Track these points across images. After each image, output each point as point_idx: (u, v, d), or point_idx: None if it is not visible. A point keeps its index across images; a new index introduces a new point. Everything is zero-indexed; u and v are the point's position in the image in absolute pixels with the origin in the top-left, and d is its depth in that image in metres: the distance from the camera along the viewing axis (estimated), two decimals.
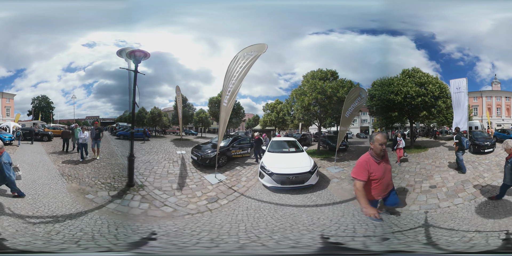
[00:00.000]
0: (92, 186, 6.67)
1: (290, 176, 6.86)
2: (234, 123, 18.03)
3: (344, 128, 9.59)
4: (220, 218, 5.51)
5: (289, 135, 14.25)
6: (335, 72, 11.59)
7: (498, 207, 5.61)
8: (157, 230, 4.85)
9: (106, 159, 9.39)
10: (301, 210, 5.91)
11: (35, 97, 15.24)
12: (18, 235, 4.26)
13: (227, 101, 7.17)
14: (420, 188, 6.87)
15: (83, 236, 4.41)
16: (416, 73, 11.87)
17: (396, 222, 5.29)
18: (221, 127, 7.58)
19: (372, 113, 14.73)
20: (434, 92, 11.36)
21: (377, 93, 12.51)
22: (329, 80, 11.27)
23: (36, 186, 6.39)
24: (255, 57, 6.50)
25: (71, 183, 6.77)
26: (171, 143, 14.27)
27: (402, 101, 11.54)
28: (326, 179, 8.03)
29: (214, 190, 7.08)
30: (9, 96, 14.04)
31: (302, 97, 10.70)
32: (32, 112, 15.46)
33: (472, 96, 14.65)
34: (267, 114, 16.42)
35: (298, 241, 4.42)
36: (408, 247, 4.15)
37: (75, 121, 16.33)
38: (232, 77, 6.95)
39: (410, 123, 13.10)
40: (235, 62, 7.00)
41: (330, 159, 10.29)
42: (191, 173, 8.31)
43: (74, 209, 5.43)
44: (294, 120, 12.83)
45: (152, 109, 17.82)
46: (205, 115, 17.66)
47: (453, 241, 4.20)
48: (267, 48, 6.35)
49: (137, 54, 6.79)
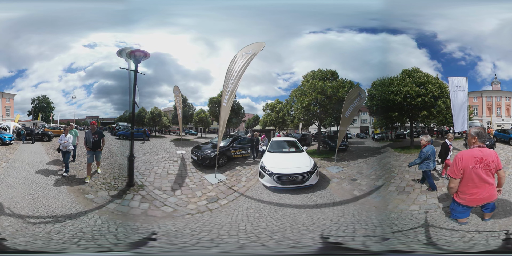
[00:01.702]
0: (92, 186, 6.66)
1: (290, 176, 6.86)
2: (234, 123, 18.02)
3: (343, 128, 9.59)
4: (220, 218, 5.51)
5: (289, 135, 14.25)
6: (335, 72, 11.60)
7: (498, 207, 5.60)
8: (157, 230, 4.85)
9: (106, 159, 9.39)
10: (301, 210, 5.91)
11: (35, 97, 15.24)
12: (18, 235, 4.26)
13: (226, 101, 7.19)
14: (420, 188, 6.86)
15: (83, 236, 4.41)
16: (416, 73, 11.87)
17: (396, 222, 5.29)
18: (221, 127, 7.60)
19: (372, 113, 14.73)
20: (434, 92, 11.37)
21: (377, 93, 12.52)
22: (329, 80, 11.28)
23: (36, 186, 6.39)
24: (252, 56, 6.53)
25: (71, 183, 6.77)
26: (171, 143, 14.27)
27: (402, 101, 11.54)
28: (326, 179, 8.03)
29: (214, 190, 7.08)
30: (9, 96, 14.04)
31: (302, 97, 10.70)
32: (32, 112, 15.46)
33: (472, 96, 14.65)
34: (267, 114, 16.43)
35: (298, 241, 4.42)
36: (408, 247, 4.14)
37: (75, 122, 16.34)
38: (231, 77, 6.98)
39: (410, 123, 13.10)
40: (234, 62, 7.03)
41: (330, 159, 10.29)
42: (191, 173, 8.31)
43: (74, 209, 5.43)
44: (294, 120, 12.84)
45: (152, 109, 17.83)
46: (205, 115, 17.67)
47: (453, 241, 4.19)
48: (265, 46, 6.39)
49: (137, 54, 6.79)
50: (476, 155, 3.71)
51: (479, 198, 3.79)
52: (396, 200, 6.43)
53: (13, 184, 6.49)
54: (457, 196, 3.91)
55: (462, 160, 3.72)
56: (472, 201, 3.84)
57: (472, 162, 3.69)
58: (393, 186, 7.27)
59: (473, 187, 3.75)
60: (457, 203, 3.99)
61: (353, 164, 9.78)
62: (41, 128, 14.35)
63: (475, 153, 3.73)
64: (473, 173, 3.69)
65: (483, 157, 3.70)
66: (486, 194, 3.75)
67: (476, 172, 3.68)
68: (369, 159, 10.57)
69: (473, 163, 3.69)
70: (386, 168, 9.13)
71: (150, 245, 4.21)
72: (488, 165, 3.71)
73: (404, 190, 6.87)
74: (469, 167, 3.69)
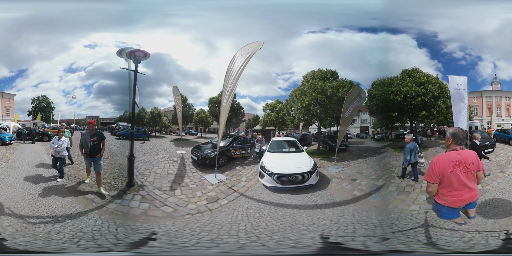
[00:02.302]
0: (92, 186, 6.66)
1: (290, 176, 6.86)
2: (234, 123, 18.02)
3: (343, 128, 9.61)
4: (220, 218, 5.51)
5: (289, 135, 14.25)
6: (335, 72, 11.61)
7: (498, 207, 5.61)
8: (157, 230, 4.85)
9: (106, 159, 9.39)
10: (301, 210, 5.91)
11: (35, 97, 15.24)
12: (18, 235, 4.26)
13: (226, 101, 7.20)
14: (420, 188, 6.87)
15: (83, 236, 4.41)
16: (416, 73, 11.89)
17: (396, 222, 5.29)
18: (221, 127, 7.60)
19: (372, 113, 14.74)
20: (434, 92, 11.38)
21: (377, 93, 12.52)
22: (329, 80, 11.28)
23: (36, 186, 6.39)
24: (251, 55, 6.55)
25: (71, 183, 6.77)
26: (171, 143, 14.27)
27: (402, 101, 11.56)
28: (326, 179, 8.03)
29: (214, 190, 7.08)
30: (9, 96, 14.04)
31: (302, 97, 10.70)
32: (32, 112, 15.46)
33: (472, 96, 14.64)
34: (267, 114, 16.43)
35: (298, 241, 4.43)
36: (408, 247, 4.15)
37: (75, 122, 16.35)
38: (231, 77, 6.99)
39: (410, 123, 13.11)
40: (233, 62, 7.05)
41: (330, 159, 10.29)
42: (191, 173, 8.31)
43: (74, 209, 5.43)
44: (294, 120, 12.84)
45: (152, 109, 17.83)
46: (205, 115, 17.67)
47: (453, 241, 4.19)
48: (263, 45, 6.41)
49: (137, 54, 6.78)
50: (454, 159, 3.38)
51: (461, 200, 3.49)
52: (396, 200, 6.44)
53: (13, 184, 6.49)
54: (438, 198, 3.60)
55: (438, 165, 3.39)
56: (454, 202, 3.53)
57: (450, 166, 3.36)
58: (393, 186, 7.27)
59: (453, 190, 3.45)
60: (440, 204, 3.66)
61: (353, 164, 9.78)
62: (41, 128, 14.36)
63: (453, 156, 3.40)
64: (453, 177, 3.37)
65: (461, 160, 3.36)
66: (468, 195, 3.47)
67: (456, 175, 3.36)
68: (369, 159, 10.58)
69: (451, 167, 3.36)
70: (386, 168, 9.14)
71: (150, 245, 4.21)
72: (468, 167, 3.39)
73: (404, 190, 6.87)
74: (447, 172, 3.35)
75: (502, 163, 8.54)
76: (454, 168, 3.35)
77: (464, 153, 3.45)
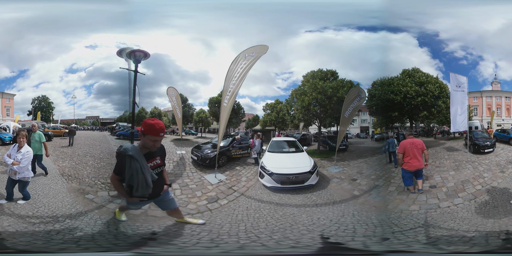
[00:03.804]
0: (92, 186, 6.66)
1: (290, 176, 6.86)
2: (234, 123, 18.03)
3: (343, 128, 9.61)
4: (220, 218, 5.51)
5: (289, 135, 14.25)
6: (335, 72, 11.62)
7: (498, 207, 5.61)
8: (157, 230, 4.84)
9: (106, 159, 9.39)
10: (301, 210, 5.91)
11: (35, 97, 15.25)
12: (18, 235, 4.26)
13: (227, 101, 7.20)
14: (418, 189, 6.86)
15: (83, 236, 4.41)
16: (416, 73, 11.89)
17: (396, 222, 5.29)
18: (222, 127, 7.60)
19: (372, 113, 14.73)
20: (434, 92, 11.39)
21: (377, 93, 12.52)
22: (329, 80, 11.29)
23: (36, 186, 6.38)
24: (255, 58, 6.57)
25: (71, 183, 6.77)
26: (171, 143, 14.27)
27: (402, 101, 11.56)
28: (326, 179, 8.03)
29: (214, 190, 7.08)
30: (9, 96, 14.03)
31: (302, 97, 10.71)
32: (32, 112, 15.46)
33: (472, 96, 14.62)
34: (267, 114, 16.43)
35: (298, 241, 4.43)
36: (408, 247, 4.15)
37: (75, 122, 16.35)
38: (233, 78, 6.99)
39: (410, 123, 13.11)
40: (236, 63, 7.04)
41: (330, 159, 10.29)
42: (191, 173, 8.31)
43: (74, 209, 5.43)
44: (294, 120, 12.84)
45: (152, 109, 17.82)
46: (205, 115, 17.66)
47: (453, 241, 4.19)
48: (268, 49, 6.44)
49: (137, 54, 6.78)
50: (410, 141, 6.40)
51: (414, 165, 6.26)
52: (396, 200, 6.44)
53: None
54: (404, 165, 6.39)
55: (403, 143, 6.41)
56: (410, 167, 6.29)
57: (408, 144, 6.34)
58: (393, 186, 7.27)
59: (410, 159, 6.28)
60: (403, 170, 6.43)
61: (353, 164, 9.78)
62: (41, 128, 14.36)
63: (409, 140, 6.44)
64: (409, 150, 6.30)
65: (413, 142, 6.36)
66: (418, 163, 6.28)
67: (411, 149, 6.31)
68: (369, 159, 10.58)
69: (408, 145, 6.33)
70: (386, 168, 9.14)
71: (150, 245, 4.20)
72: (417, 146, 6.33)
73: (404, 190, 6.87)
74: (407, 147, 6.32)
75: (502, 163, 8.53)
76: (410, 145, 6.32)
77: (415, 140, 6.49)
